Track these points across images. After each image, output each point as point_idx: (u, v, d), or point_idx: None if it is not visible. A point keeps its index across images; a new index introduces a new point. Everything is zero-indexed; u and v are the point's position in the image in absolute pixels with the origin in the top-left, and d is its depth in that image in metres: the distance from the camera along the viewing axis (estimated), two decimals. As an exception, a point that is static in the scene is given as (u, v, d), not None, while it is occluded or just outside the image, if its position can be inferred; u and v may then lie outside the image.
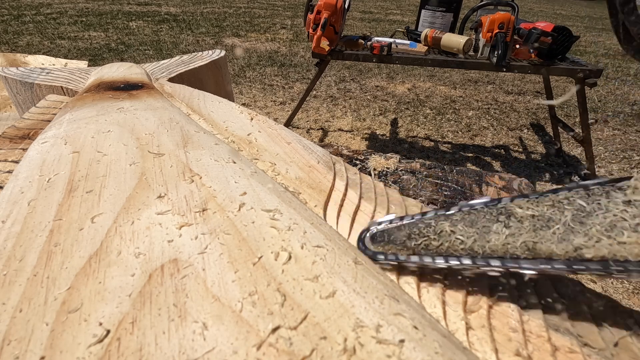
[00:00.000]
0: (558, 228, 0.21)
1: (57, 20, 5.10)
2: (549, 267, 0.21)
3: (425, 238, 0.25)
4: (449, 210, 0.26)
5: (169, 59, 0.81)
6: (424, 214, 0.27)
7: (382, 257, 0.27)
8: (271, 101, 2.67)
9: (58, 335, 0.19)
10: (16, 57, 1.39)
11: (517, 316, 0.24)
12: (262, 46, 4.25)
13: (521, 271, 0.22)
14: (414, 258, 0.25)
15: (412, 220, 0.27)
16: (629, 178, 0.22)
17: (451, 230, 0.24)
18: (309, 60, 3.68)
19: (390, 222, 0.28)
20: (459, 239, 0.24)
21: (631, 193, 0.21)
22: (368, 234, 0.27)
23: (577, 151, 2.12)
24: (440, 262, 0.25)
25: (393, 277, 0.27)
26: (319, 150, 0.45)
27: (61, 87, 0.65)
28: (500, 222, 0.23)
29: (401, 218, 0.28)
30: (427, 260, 0.25)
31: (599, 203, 0.21)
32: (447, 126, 2.40)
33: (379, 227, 0.28)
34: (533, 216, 0.23)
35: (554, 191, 0.23)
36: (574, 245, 0.21)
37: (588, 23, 8.06)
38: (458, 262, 0.24)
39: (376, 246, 0.27)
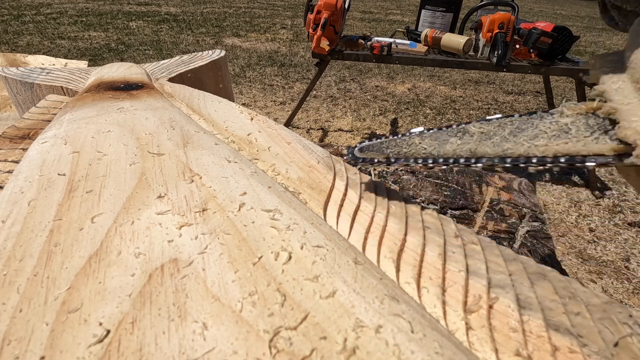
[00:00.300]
0: (497, 139, 0.28)
1: (57, 20, 5.11)
2: (480, 161, 0.28)
3: (399, 147, 0.33)
4: (416, 133, 0.33)
5: (169, 59, 0.81)
6: (400, 134, 0.34)
7: (365, 158, 0.34)
8: (271, 101, 2.67)
9: (58, 335, 0.19)
10: (16, 57, 1.39)
11: (517, 316, 0.24)
12: (262, 46, 4.25)
13: (457, 164, 0.29)
14: (392, 160, 0.33)
15: (388, 139, 0.34)
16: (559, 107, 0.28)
17: (419, 142, 0.32)
18: (309, 60, 3.68)
19: (374, 139, 0.35)
20: (423, 147, 0.31)
21: (558, 116, 0.28)
22: (357, 147, 0.35)
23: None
24: (406, 162, 0.32)
25: (393, 277, 0.27)
26: (319, 150, 0.45)
27: (61, 87, 0.65)
28: (456, 137, 0.31)
29: (381, 137, 0.35)
30: (400, 160, 0.32)
31: (532, 123, 0.28)
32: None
33: (366, 143, 0.35)
34: (482, 132, 0.30)
35: (505, 116, 0.30)
36: (503, 149, 0.28)
37: (588, 23, 8.06)
38: (418, 161, 0.32)
39: (362, 154, 0.34)
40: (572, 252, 1.43)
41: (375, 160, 0.33)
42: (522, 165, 0.27)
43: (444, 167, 0.30)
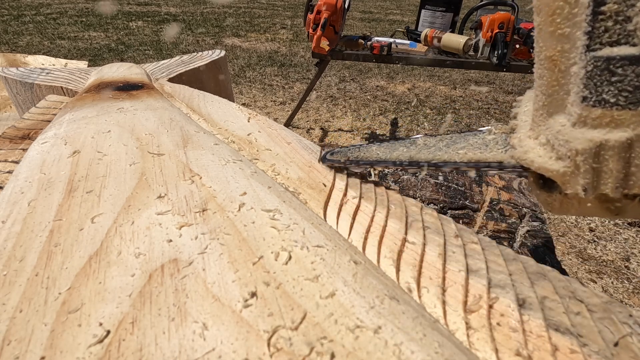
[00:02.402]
0: (432, 149, 0.34)
1: (57, 20, 5.11)
2: (412, 165, 0.35)
3: (359, 152, 0.39)
4: (379, 142, 0.39)
5: (169, 59, 0.81)
6: (363, 145, 0.39)
7: (332, 159, 0.40)
8: (271, 101, 2.67)
9: (58, 336, 0.19)
10: (16, 57, 1.39)
11: (517, 316, 0.24)
12: (262, 46, 4.25)
13: (396, 166, 0.36)
14: (350, 162, 0.39)
15: (354, 146, 0.40)
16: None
17: (375, 149, 0.38)
18: (309, 60, 3.68)
19: (343, 147, 0.41)
20: (377, 153, 0.37)
21: (487, 133, 0.32)
22: (329, 152, 0.41)
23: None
24: (360, 163, 0.38)
25: (393, 277, 0.27)
26: (319, 150, 0.45)
27: (61, 87, 0.65)
28: (405, 147, 0.36)
29: (349, 147, 0.41)
30: (357, 162, 0.39)
31: (465, 138, 0.33)
32: (447, 126, 2.40)
33: (337, 149, 0.41)
34: (425, 144, 0.35)
35: (449, 133, 0.35)
36: (433, 155, 0.33)
37: (588, 23, 8.04)
38: (368, 164, 0.38)
39: (332, 157, 0.40)
40: (572, 252, 1.43)
41: (340, 161, 0.39)
42: (441, 167, 0.33)
43: (388, 168, 0.38)
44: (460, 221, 0.61)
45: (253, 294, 0.22)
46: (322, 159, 0.41)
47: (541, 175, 0.25)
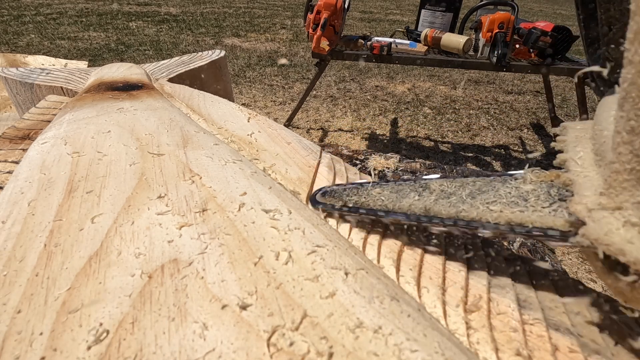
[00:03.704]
0: (454, 199, 0.27)
1: (57, 20, 5.11)
2: (432, 221, 0.27)
3: (359, 196, 0.32)
4: (384, 182, 0.32)
5: (168, 59, 0.81)
6: (364, 185, 0.33)
7: (325, 205, 0.33)
8: (271, 101, 2.67)
9: (58, 335, 0.19)
10: (16, 58, 1.39)
11: (517, 316, 0.24)
12: (262, 46, 4.25)
13: (409, 221, 0.29)
14: (347, 208, 0.32)
15: (352, 186, 0.33)
16: (522, 171, 0.27)
17: (377, 193, 0.31)
18: (309, 60, 3.68)
19: (337, 186, 0.35)
20: (381, 199, 0.31)
21: (521, 182, 0.26)
22: (320, 192, 0.35)
23: (577, 151, 2.11)
24: (360, 212, 0.31)
25: (393, 277, 0.27)
26: (319, 150, 0.45)
27: (61, 87, 0.65)
28: (416, 192, 0.30)
29: (345, 185, 0.34)
30: (356, 210, 0.31)
31: (494, 186, 0.27)
32: (447, 126, 2.40)
33: (330, 188, 0.35)
34: (442, 190, 0.28)
35: (471, 176, 0.29)
36: (457, 210, 0.26)
37: (588, 23, 8.04)
38: (371, 214, 0.31)
39: (323, 199, 0.34)
40: (572, 252, 1.43)
41: (334, 207, 0.32)
42: (472, 230, 0.25)
43: (399, 223, 0.29)
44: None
45: (253, 294, 0.22)
46: (312, 201, 0.34)
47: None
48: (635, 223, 0.18)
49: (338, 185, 0.35)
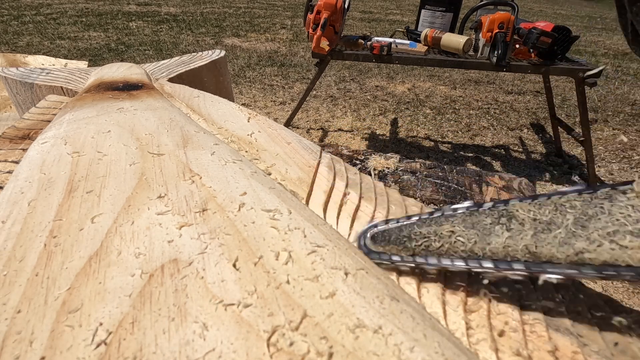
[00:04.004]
0: (560, 232, 0.21)
1: (57, 20, 5.10)
2: (551, 270, 0.21)
3: (426, 239, 0.25)
4: (446, 212, 0.26)
5: (168, 59, 0.81)
6: (422, 217, 0.27)
7: (384, 257, 0.27)
8: (271, 101, 2.67)
9: (58, 335, 0.19)
10: (16, 58, 1.39)
11: (517, 316, 0.24)
12: (262, 46, 4.25)
13: (523, 273, 0.22)
14: (418, 259, 0.25)
15: (411, 222, 0.27)
16: (631, 182, 0.22)
17: (450, 232, 0.24)
18: (309, 60, 3.68)
19: (389, 223, 0.28)
20: (459, 240, 0.24)
21: (634, 197, 0.21)
22: (367, 234, 0.28)
23: (577, 151, 2.12)
24: (443, 264, 0.25)
25: (393, 277, 0.27)
26: (319, 150, 0.45)
27: (61, 87, 0.65)
28: (501, 225, 0.23)
29: (398, 220, 0.28)
30: (431, 261, 0.25)
31: (602, 207, 0.21)
32: (447, 126, 2.40)
33: (379, 229, 0.28)
34: (534, 219, 0.22)
35: (556, 194, 0.23)
36: (575, 249, 0.20)
37: (588, 23, 8.06)
38: (459, 264, 0.24)
39: (377, 246, 0.27)
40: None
41: (397, 259, 0.26)
42: (602, 275, 0.20)
43: (497, 273, 0.23)
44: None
45: (253, 294, 0.22)
46: (363, 250, 0.28)
47: None
48: None
49: (388, 222, 0.28)
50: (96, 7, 6.41)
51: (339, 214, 0.34)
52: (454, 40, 1.67)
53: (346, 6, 1.66)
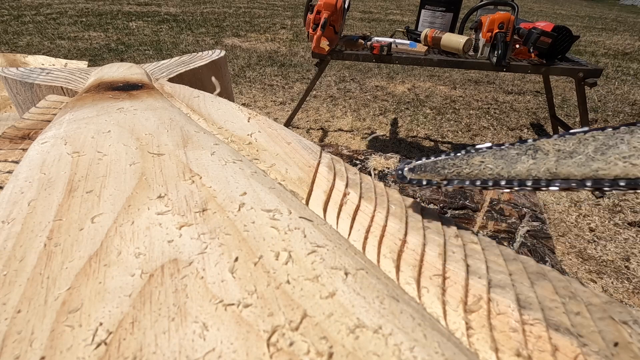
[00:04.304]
0: (580, 157, 0.24)
1: (57, 20, 5.11)
2: (566, 183, 0.24)
3: (459, 167, 0.29)
4: (471, 150, 0.30)
5: (168, 59, 0.81)
6: (462, 153, 0.31)
7: (422, 182, 0.31)
8: (271, 101, 2.67)
9: (58, 335, 0.19)
10: (16, 57, 1.39)
11: (517, 316, 0.24)
12: (262, 46, 4.25)
13: (534, 186, 0.25)
14: (448, 180, 0.29)
15: (447, 157, 0.31)
16: None
17: (480, 162, 0.28)
18: (309, 60, 3.68)
19: (424, 159, 0.33)
20: (488, 167, 0.27)
21: None
22: (406, 166, 0.32)
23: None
24: (469, 184, 0.28)
25: (393, 277, 0.27)
26: (319, 150, 0.45)
27: (61, 87, 0.65)
28: (527, 155, 0.27)
29: (429, 157, 0.33)
30: (461, 182, 0.29)
31: (622, 139, 0.24)
32: (447, 126, 2.40)
33: (414, 164, 0.32)
34: (559, 150, 0.25)
35: (581, 131, 0.26)
36: (591, 169, 0.23)
37: (588, 23, 8.06)
38: (486, 183, 0.27)
39: (414, 175, 0.31)
40: (572, 252, 1.43)
41: (431, 182, 0.30)
42: (622, 187, 0.22)
43: (515, 190, 0.26)
44: (461, 221, 0.61)
45: (253, 294, 0.22)
46: (399, 177, 0.32)
47: None
48: None
49: (421, 159, 0.33)
50: (96, 7, 6.41)
51: (339, 214, 0.34)
52: (454, 40, 1.67)
53: (346, 6, 1.66)
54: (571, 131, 0.26)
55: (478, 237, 0.32)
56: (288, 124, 2.04)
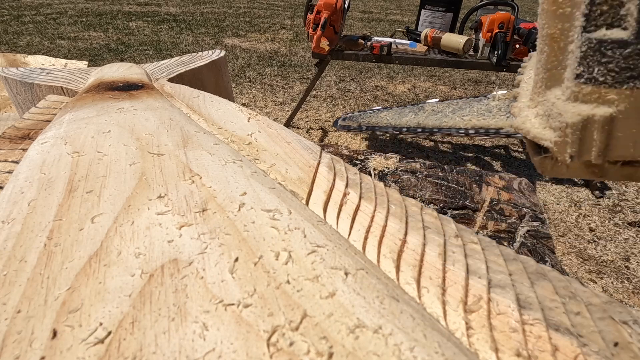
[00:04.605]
0: (440, 115, 0.46)
1: (57, 20, 5.11)
2: (424, 130, 0.49)
3: (370, 118, 0.51)
4: (389, 108, 0.50)
5: (168, 59, 0.81)
6: (375, 109, 0.51)
7: (345, 125, 0.53)
8: (271, 101, 2.67)
9: (58, 336, 0.19)
10: (16, 58, 1.39)
11: (517, 316, 0.24)
12: (262, 46, 4.25)
13: (407, 132, 0.48)
14: (361, 126, 0.52)
15: (365, 111, 0.53)
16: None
17: (384, 115, 0.52)
18: (309, 60, 3.68)
19: (354, 113, 0.56)
20: (386, 118, 0.51)
21: (491, 100, 0.45)
22: (341, 119, 0.55)
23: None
24: (372, 129, 0.52)
25: (393, 277, 0.27)
26: (319, 150, 0.45)
27: (61, 87, 0.65)
28: (413, 112, 0.51)
29: (359, 111, 0.56)
30: (368, 127, 0.51)
31: (471, 104, 0.46)
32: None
33: (349, 114, 0.56)
34: (433, 110, 0.51)
35: (456, 99, 0.43)
36: (440, 122, 0.46)
37: (588, 23, 8.04)
38: (379, 129, 0.50)
39: (344, 123, 0.53)
40: (572, 252, 1.43)
41: (352, 127, 0.46)
42: (447, 133, 0.38)
43: (397, 133, 0.46)
44: (461, 221, 0.61)
45: (253, 294, 0.22)
46: (335, 124, 0.51)
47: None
48: (540, 114, 0.25)
49: (355, 112, 0.49)
50: (96, 7, 6.41)
51: (339, 214, 0.34)
52: (454, 40, 1.67)
53: (346, 6, 1.66)
54: (448, 100, 0.41)
55: (478, 237, 0.32)
56: (288, 124, 2.04)
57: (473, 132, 0.39)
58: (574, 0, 0.21)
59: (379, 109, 0.46)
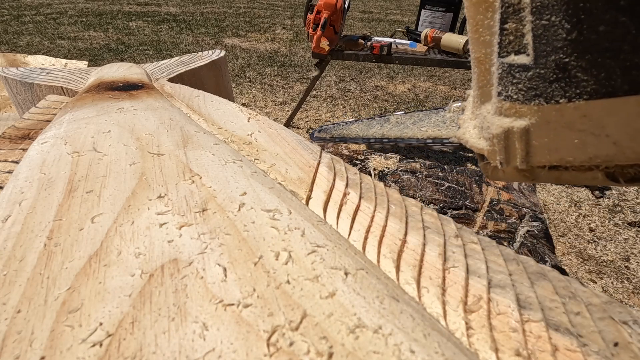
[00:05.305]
0: (402, 126, 0.43)
1: (57, 20, 5.11)
2: (387, 141, 0.58)
3: (341, 130, 0.49)
4: (359, 120, 0.50)
5: (168, 59, 0.81)
6: (347, 122, 0.50)
7: (320, 137, 0.50)
8: (271, 101, 2.67)
9: (58, 336, 0.19)
10: (16, 57, 1.39)
11: (517, 316, 0.24)
12: (262, 46, 4.25)
13: (372, 142, 0.48)
14: (335, 138, 0.51)
15: (337, 124, 0.49)
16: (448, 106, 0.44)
17: (354, 127, 0.48)
18: (309, 60, 3.68)
19: (328, 125, 0.54)
20: (356, 130, 0.48)
21: (447, 112, 0.43)
22: (316, 131, 0.53)
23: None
24: (343, 141, 0.48)
25: (393, 277, 0.27)
26: (319, 150, 0.45)
27: (61, 87, 0.65)
28: (380, 124, 0.46)
29: (333, 124, 0.53)
30: (341, 139, 0.49)
31: (429, 116, 0.44)
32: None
33: (324, 126, 0.52)
34: (397, 121, 0.47)
35: (418, 111, 0.42)
36: (402, 133, 0.44)
37: (588, 23, 8.04)
38: (350, 140, 0.48)
39: (319, 135, 0.50)
40: (572, 252, 1.43)
41: (326, 139, 0.49)
42: (408, 143, 0.37)
43: (364, 143, 0.50)
44: (461, 221, 0.61)
45: (253, 294, 0.22)
46: (311, 137, 0.53)
47: None
48: (476, 125, 0.29)
49: (328, 124, 0.51)
50: (96, 7, 6.41)
51: (339, 214, 0.34)
52: (454, 40, 1.67)
53: (346, 6, 1.66)
54: (411, 112, 0.41)
55: (478, 237, 0.32)
56: (288, 124, 2.04)
57: (430, 141, 0.43)
58: (491, 30, 0.24)
59: (350, 122, 0.51)
